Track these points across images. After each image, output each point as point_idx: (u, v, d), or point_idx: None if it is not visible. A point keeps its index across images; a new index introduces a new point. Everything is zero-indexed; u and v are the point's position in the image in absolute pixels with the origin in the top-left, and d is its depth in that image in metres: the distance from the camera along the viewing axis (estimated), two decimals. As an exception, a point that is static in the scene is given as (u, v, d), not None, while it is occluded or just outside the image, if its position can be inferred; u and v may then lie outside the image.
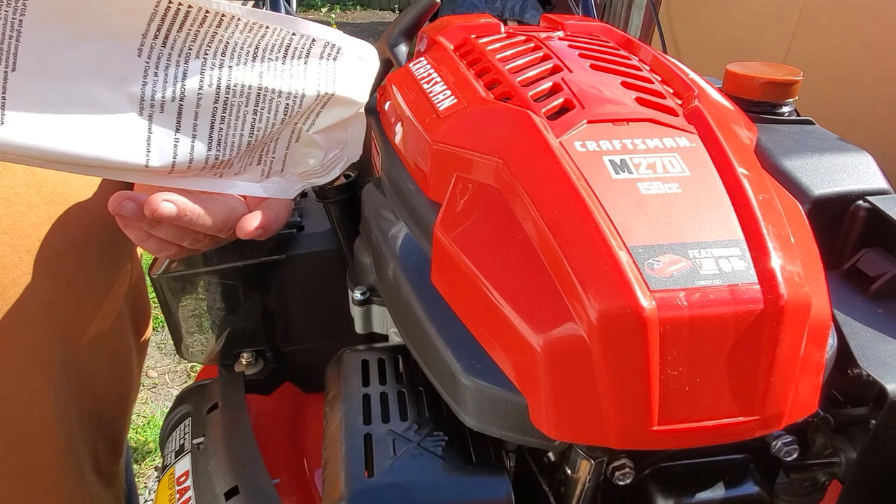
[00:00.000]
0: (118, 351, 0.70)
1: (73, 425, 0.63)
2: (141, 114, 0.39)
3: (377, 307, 0.51)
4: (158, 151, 0.40)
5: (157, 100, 0.39)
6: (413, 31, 0.63)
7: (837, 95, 1.41)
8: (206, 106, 0.41)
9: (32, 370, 0.58)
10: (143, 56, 0.39)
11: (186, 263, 0.59)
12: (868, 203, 0.48)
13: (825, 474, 0.46)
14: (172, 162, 0.41)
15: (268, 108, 0.42)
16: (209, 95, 0.41)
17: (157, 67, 0.39)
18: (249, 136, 0.43)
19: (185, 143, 0.41)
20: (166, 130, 0.40)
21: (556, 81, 0.43)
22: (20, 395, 0.57)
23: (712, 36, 1.98)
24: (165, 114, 0.40)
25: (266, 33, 0.42)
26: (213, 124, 0.41)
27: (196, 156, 0.42)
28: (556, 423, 0.33)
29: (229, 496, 0.48)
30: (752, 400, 0.32)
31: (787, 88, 0.56)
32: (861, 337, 0.43)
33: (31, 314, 0.56)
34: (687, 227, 0.34)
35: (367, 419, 0.40)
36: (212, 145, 0.42)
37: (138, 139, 0.39)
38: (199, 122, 0.41)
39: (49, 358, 0.59)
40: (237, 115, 0.42)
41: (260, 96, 0.42)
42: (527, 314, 0.34)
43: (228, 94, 0.41)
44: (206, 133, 0.41)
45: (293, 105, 0.43)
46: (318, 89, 0.44)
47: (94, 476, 0.69)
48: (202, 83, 0.40)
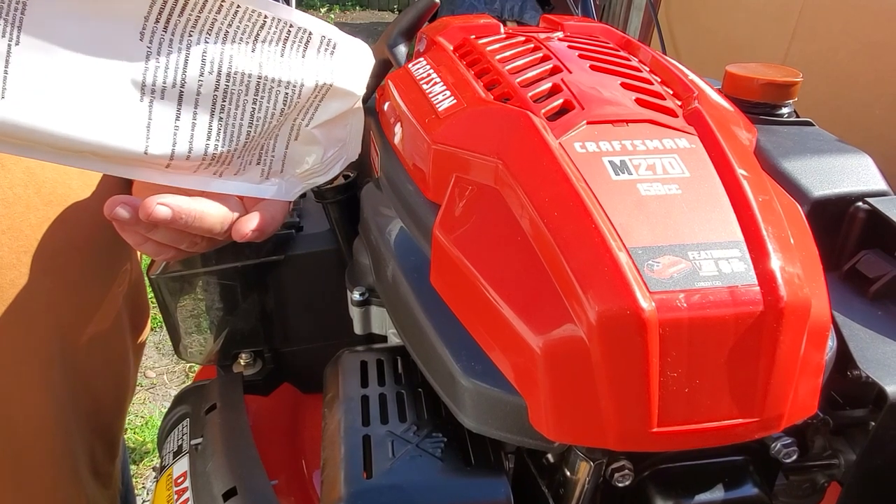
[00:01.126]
0: (116, 351, 0.70)
1: (70, 425, 0.63)
2: (142, 99, 0.39)
3: (376, 308, 0.51)
4: (158, 138, 0.40)
5: (157, 86, 0.39)
6: (412, 32, 0.63)
7: (836, 96, 1.41)
8: (207, 93, 0.41)
9: (30, 370, 0.58)
10: (144, 40, 0.39)
11: (185, 264, 0.59)
12: (867, 204, 0.48)
13: (824, 476, 0.46)
14: (171, 150, 0.41)
15: (267, 98, 0.43)
16: (209, 83, 0.41)
17: (159, 53, 0.39)
18: (249, 126, 0.43)
19: (184, 131, 0.41)
20: (166, 117, 0.40)
21: (556, 82, 0.43)
22: (17, 394, 0.57)
23: (711, 37, 1.98)
24: (166, 100, 0.40)
25: (265, 23, 0.42)
26: (213, 113, 0.41)
27: (195, 145, 0.42)
28: (556, 424, 0.33)
29: (227, 497, 0.48)
30: (752, 402, 0.32)
31: (787, 89, 0.56)
32: (860, 338, 0.43)
33: (30, 314, 0.56)
34: (687, 228, 0.34)
35: (365, 420, 0.40)
36: (211, 134, 0.42)
37: (138, 125, 0.39)
38: (199, 109, 0.41)
39: (47, 358, 0.59)
40: (237, 104, 0.42)
41: (260, 85, 0.42)
42: (526, 315, 0.33)
43: (228, 81, 0.41)
44: (205, 122, 0.41)
45: (292, 95, 0.43)
46: (316, 80, 0.44)
47: (91, 476, 0.69)
48: (203, 70, 0.40)
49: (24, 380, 0.58)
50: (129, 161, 0.41)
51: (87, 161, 0.40)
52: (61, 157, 0.40)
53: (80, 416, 0.65)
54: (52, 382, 0.60)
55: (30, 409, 0.59)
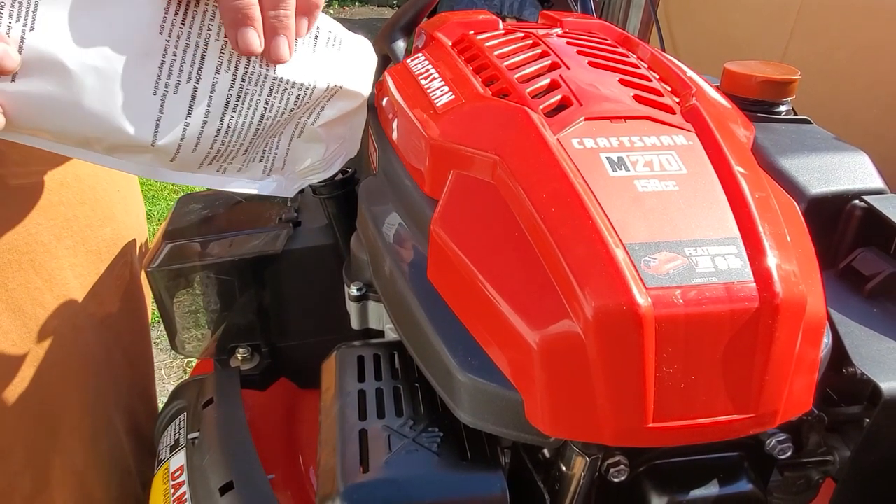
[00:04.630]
0: (138, 301, 0.71)
1: (101, 375, 0.64)
2: (155, 93, 0.38)
3: (373, 303, 0.51)
4: (166, 131, 0.40)
5: (172, 80, 0.39)
6: (411, 27, 0.63)
7: (834, 95, 1.42)
8: (221, 91, 0.40)
9: (47, 312, 0.58)
10: (164, 34, 0.38)
11: (181, 257, 0.59)
12: (864, 202, 0.48)
13: (819, 472, 0.46)
14: (179, 144, 0.41)
15: (279, 98, 0.42)
16: (224, 81, 0.40)
17: (177, 47, 0.39)
18: (259, 124, 0.43)
19: (194, 126, 0.40)
20: (177, 112, 0.40)
21: (554, 78, 0.43)
22: (41, 340, 0.58)
23: (710, 34, 1.98)
24: (179, 95, 0.39)
25: None
26: (226, 112, 0.41)
27: (203, 140, 0.42)
28: (552, 419, 0.33)
29: (224, 491, 0.48)
30: (747, 398, 0.33)
31: (785, 87, 0.56)
32: (856, 336, 0.43)
33: (35, 255, 0.57)
34: (683, 224, 0.34)
35: (362, 415, 0.40)
36: (220, 131, 0.42)
37: (148, 117, 0.39)
38: (212, 107, 0.41)
39: (65, 299, 0.60)
40: (249, 104, 0.42)
41: (273, 86, 0.42)
42: (523, 311, 0.34)
43: (244, 81, 0.41)
44: (216, 119, 0.41)
45: (304, 96, 0.43)
46: (327, 81, 0.44)
47: (134, 441, 0.70)
48: (219, 68, 0.40)
49: (46, 323, 0.58)
50: (133, 150, 0.41)
51: (90, 152, 0.40)
52: (64, 148, 0.39)
53: (113, 368, 0.65)
54: (76, 326, 0.60)
55: (57, 354, 0.59)
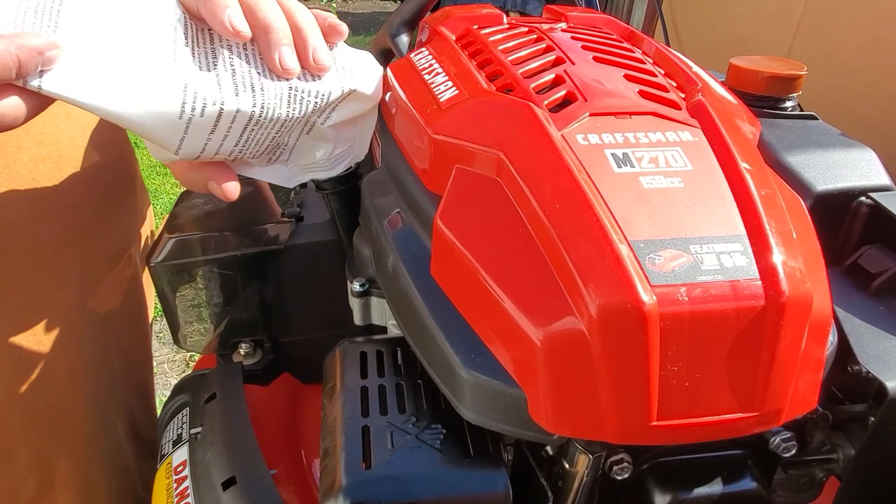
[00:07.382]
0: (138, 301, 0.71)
1: (101, 376, 0.64)
2: (181, 117, 0.39)
3: (376, 299, 0.51)
4: (189, 147, 0.41)
5: (198, 104, 0.39)
6: (415, 22, 0.63)
7: (840, 91, 1.41)
8: (242, 118, 0.40)
9: (51, 315, 0.58)
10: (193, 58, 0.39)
11: (184, 252, 0.59)
12: (870, 199, 0.47)
13: (823, 471, 0.46)
14: (199, 154, 0.42)
15: (298, 108, 0.43)
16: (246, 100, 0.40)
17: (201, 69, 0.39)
18: (276, 133, 0.44)
19: (215, 142, 0.41)
20: (201, 132, 0.40)
21: (559, 74, 0.43)
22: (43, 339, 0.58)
23: (715, 30, 1.97)
24: (205, 117, 0.39)
25: None
26: (247, 126, 0.41)
27: (222, 151, 0.43)
28: (555, 417, 0.33)
29: (227, 486, 0.48)
30: (752, 396, 0.32)
31: (791, 83, 0.56)
32: (861, 334, 0.43)
33: (38, 256, 0.57)
34: (689, 221, 0.33)
35: (365, 411, 0.40)
36: (239, 142, 0.42)
37: (173, 138, 0.39)
38: (233, 127, 0.41)
39: (67, 302, 0.60)
40: (270, 118, 0.42)
41: (292, 96, 0.42)
42: (526, 308, 0.33)
43: (264, 109, 0.41)
44: (236, 137, 0.42)
45: (321, 103, 0.43)
46: (341, 87, 0.44)
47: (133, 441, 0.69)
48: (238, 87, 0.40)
49: (47, 325, 0.58)
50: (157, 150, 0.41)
51: None
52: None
53: (112, 369, 0.65)
54: (76, 328, 0.60)
55: (58, 356, 0.59)
